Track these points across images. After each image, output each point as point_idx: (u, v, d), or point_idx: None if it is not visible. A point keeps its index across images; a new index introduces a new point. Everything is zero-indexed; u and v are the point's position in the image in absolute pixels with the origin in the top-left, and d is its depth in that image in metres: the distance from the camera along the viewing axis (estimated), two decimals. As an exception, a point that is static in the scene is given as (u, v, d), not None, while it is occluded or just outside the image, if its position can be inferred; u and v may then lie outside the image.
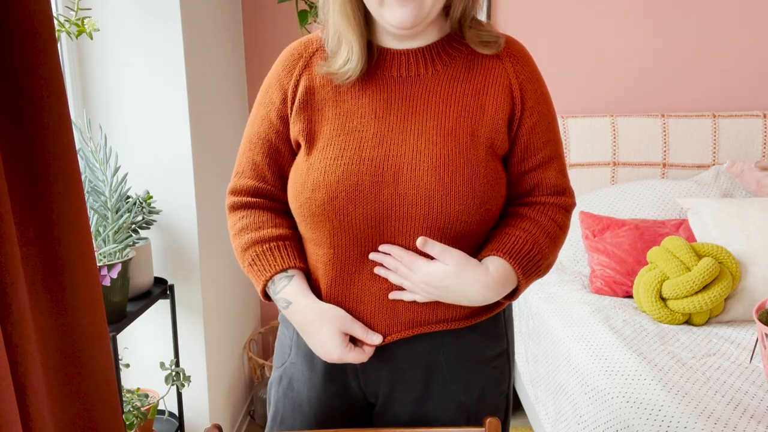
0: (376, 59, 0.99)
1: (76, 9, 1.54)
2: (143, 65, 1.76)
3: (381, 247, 0.98)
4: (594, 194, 2.38)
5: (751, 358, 1.59)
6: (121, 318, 1.56)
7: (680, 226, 2.14)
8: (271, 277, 1.01)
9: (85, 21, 1.55)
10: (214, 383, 2.07)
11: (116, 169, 1.58)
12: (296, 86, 1.01)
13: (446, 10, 0.99)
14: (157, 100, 1.78)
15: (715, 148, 2.44)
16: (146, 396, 1.77)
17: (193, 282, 1.90)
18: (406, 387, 1.05)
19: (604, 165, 2.45)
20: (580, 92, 2.59)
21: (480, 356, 1.06)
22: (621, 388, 1.49)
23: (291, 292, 1.01)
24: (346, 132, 0.97)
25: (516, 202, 1.05)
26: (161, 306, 1.87)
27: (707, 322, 1.86)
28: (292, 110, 1.02)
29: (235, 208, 1.07)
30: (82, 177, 1.42)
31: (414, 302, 1.00)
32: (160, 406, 1.91)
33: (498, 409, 1.10)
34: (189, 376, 1.85)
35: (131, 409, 1.68)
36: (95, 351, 0.92)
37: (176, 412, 1.92)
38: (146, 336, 1.92)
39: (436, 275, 0.94)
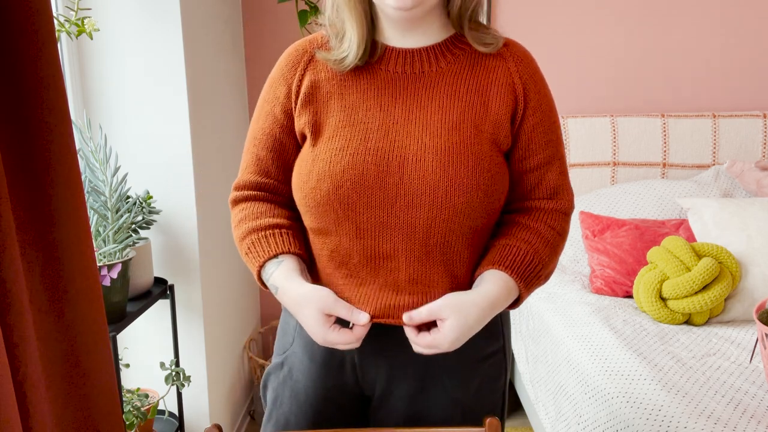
0: (382, 56, 1.02)
1: (76, 9, 1.54)
2: (143, 65, 1.76)
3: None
4: (594, 194, 2.38)
5: (751, 358, 1.59)
6: (121, 318, 1.56)
7: (680, 226, 2.14)
8: (263, 264, 1.01)
9: (85, 21, 1.55)
10: (214, 383, 2.07)
11: (116, 169, 1.58)
12: (301, 81, 1.04)
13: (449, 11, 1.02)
14: (157, 100, 1.78)
15: (715, 148, 2.44)
16: (146, 396, 1.77)
17: (193, 282, 1.90)
18: (402, 382, 1.06)
19: (604, 165, 2.45)
20: (580, 92, 2.59)
21: (476, 354, 1.06)
22: (621, 388, 1.49)
23: (278, 277, 1.00)
24: (351, 123, 0.99)
25: (514, 207, 1.06)
26: (161, 306, 1.87)
27: (707, 322, 1.86)
28: (296, 104, 1.04)
29: (237, 201, 1.09)
30: (82, 177, 1.42)
31: (412, 293, 0.99)
32: (160, 406, 1.91)
33: (495, 406, 1.11)
34: (189, 376, 1.85)
35: (131, 409, 1.68)
36: (95, 351, 0.92)
37: (176, 412, 1.91)
38: (146, 336, 1.92)
39: (446, 339, 0.93)
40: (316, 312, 0.96)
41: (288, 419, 1.11)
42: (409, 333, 0.96)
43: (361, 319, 0.96)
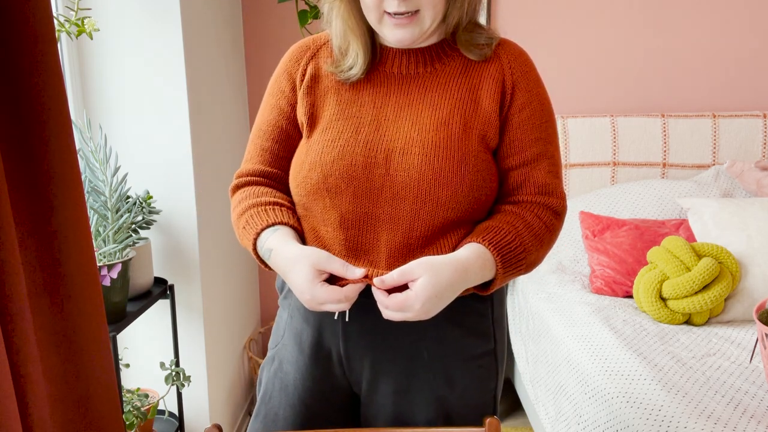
0: (379, 57, 1.06)
1: (76, 9, 1.54)
2: (143, 65, 1.76)
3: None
4: (594, 194, 2.38)
5: (751, 358, 1.59)
6: (121, 318, 1.56)
7: (680, 226, 2.14)
8: (259, 233, 1.01)
9: (85, 21, 1.55)
10: (214, 383, 2.07)
11: (116, 169, 1.58)
12: (303, 73, 1.08)
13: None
14: (157, 100, 1.78)
15: (715, 148, 2.44)
16: (146, 396, 1.77)
17: (193, 282, 1.90)
18: (388, 378, 1.06)
19: (604, 165, 2.45)
20: (580, 92, 2.59)
21: (463, 352, 1.06)
22: (621, 388, 1.49)
23: (273, 240, 1.00)
24: (345, 117, 1.02)
25: (502, 201, 1.05)
26: (161, 306, 1.87)
27: (707, 322, 1.86)
28: (299, 94, 1.07)
29: (238, 187, 1.11)
30: (82, 177, 1.42)
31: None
32: (160, 406, 1.91)
33: (485, 407, 1.09)
34: (189, 376, 1.85)
35: (131, 409, 1.68)
36: (95, 351, 0.92)
37: (176, 412, 1.92)
38: (146, 336, 1.92)
39: (418, 298, 0.91)
40: (309, 267, 0.94)
41: (277, 413, 1.11)
42: (379, 295, 0.93)
43: (357, 273, 0.94)
